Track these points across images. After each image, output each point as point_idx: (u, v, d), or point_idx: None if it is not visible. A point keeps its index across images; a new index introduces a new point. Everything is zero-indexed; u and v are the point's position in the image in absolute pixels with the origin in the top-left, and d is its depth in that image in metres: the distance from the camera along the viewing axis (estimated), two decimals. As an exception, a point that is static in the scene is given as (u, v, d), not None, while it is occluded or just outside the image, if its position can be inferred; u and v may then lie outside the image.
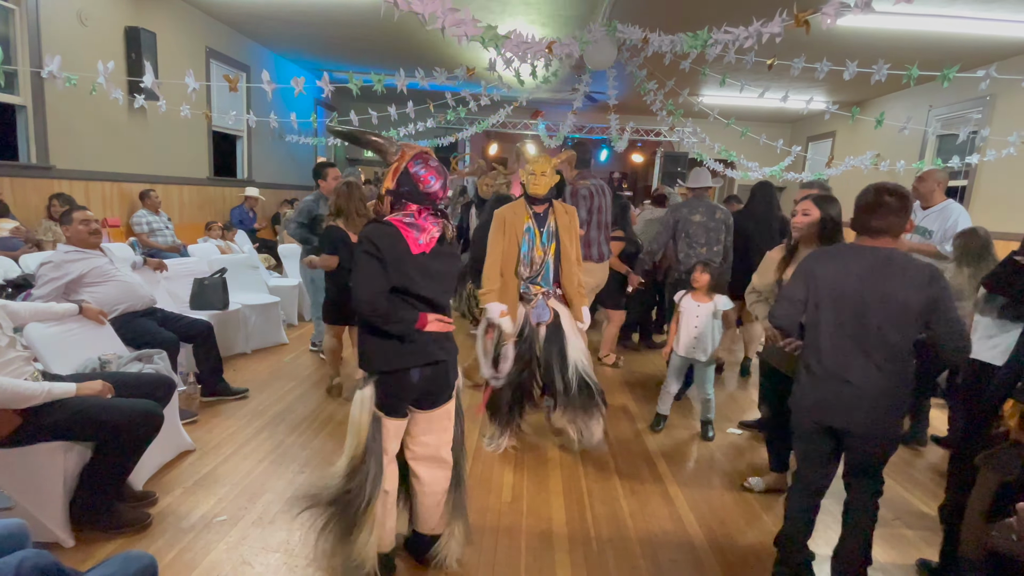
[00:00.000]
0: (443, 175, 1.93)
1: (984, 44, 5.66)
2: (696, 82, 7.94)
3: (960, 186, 6.73)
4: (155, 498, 2.56)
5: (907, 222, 1.98)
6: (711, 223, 4.21)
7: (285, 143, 8.45)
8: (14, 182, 4.47)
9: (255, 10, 6.34)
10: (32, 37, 4.45)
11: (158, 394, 2.58)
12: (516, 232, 3.07)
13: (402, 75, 3.77)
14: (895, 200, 1.90)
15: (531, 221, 3.08)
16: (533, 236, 3.07)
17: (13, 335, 2.30)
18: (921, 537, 2.65)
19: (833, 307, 1.95)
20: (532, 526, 2.57)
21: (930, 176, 3.80)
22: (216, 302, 4.32)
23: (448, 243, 2.00)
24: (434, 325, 1.96)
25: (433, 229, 1.89)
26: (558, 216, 3.12)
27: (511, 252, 3.08)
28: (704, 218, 4.21)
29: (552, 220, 3.11)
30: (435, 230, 1.90)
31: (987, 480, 1.77)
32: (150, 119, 5.70)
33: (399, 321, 1.89)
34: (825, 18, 2.65)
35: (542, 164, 3.03)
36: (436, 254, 1.93)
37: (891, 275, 1.87)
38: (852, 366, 1.93)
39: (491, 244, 3.10)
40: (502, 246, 3.08)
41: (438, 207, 1.95)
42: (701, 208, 4.24)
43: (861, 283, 1.90)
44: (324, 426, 3.44)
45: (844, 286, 1.93)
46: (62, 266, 3.08)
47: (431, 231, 1.88)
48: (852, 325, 1.92)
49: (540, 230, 3.08)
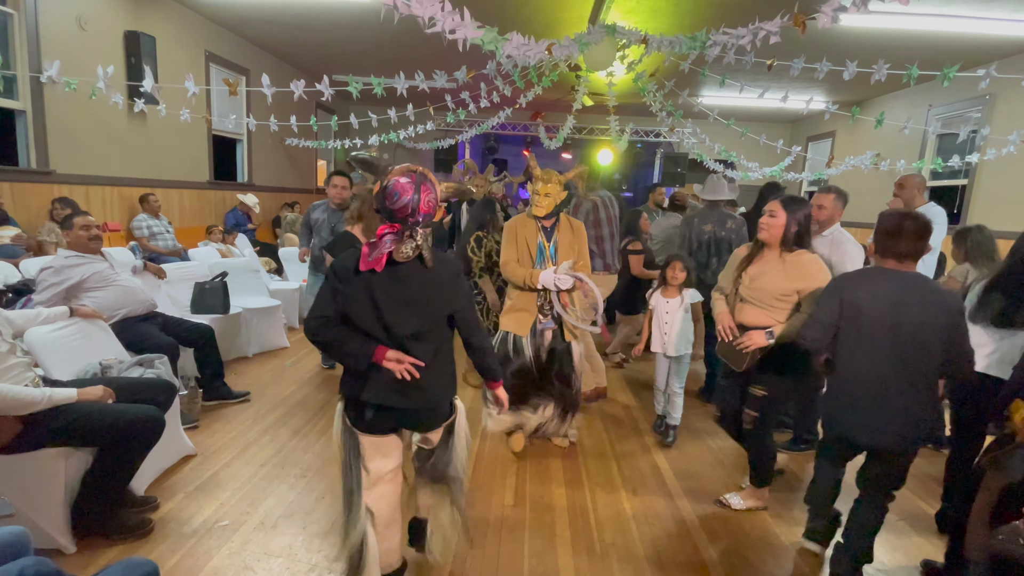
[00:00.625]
0: (419, 191, 1.71)
1: (984, 43, 5.66)
2: (696, 83, 7.95)
3: (960, 185, 6.73)
4: (156, 503, 2.55)
5: (927, 246, 2.07)
6: (721, 232, 4.06)
7: (284, 146, 8.45)
8: (14, 187, 4.47)
9: (254, 13, 6.34)
10: (31, 42, 4.45)
11: (159, 399, 2.58)
12: (528, 244, 3.12)
13: (402, 78, 3.76)
14: (917, 225, 2.01)
15: (541, 236, 3.12)
16: (543, 248, 3.12)
17: (13, 341, 2.30)
18: (926, 539, 2.64)
19: (869, 331, 2.02)
20: (535, 529, 2.56)
21: (909, 182, 3.90)
22: (217, 306, 4.31)
23: (425, 264, 1.76)
24: (388, 363, 1.73)
25: (384, 246, 1.69)
26: (562, 232, 3.15)
27: (523, 261, 3.13)
28: (715, 228, 4.06)
29: (557, 234, 3.14)
30: (388, 247, 1.69)
31: (992, 482, 1.76)
32: (150, 123, 5.70)
33: (346, 355, 1.75)
34: (823, 18, 2.65)
35: (545, 185, 3.05)
36: (396, 276, 1.74)
37: (926, 301, 1.96)
38: (888, 388, 2.00)
39: (504, 251, 3.15)
40: (515, 255, 3.13)
41: (410, 224, 1.72)
42: (713, 218, 4.08)
43: (897, 308, 1.98)
44: (326, 430, 3.43)
45: (880, 310, 2.00)
46: (62, 271, 3.07)
47: (381, 247, 1.69)
48: (887, 348, 1.99)
49: (549, 243, 3.12)
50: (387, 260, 1.71)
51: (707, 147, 7.08)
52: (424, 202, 1.72)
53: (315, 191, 10.20)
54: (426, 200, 1.73)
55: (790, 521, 2.73)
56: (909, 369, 1.98)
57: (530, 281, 3.03)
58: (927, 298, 1.96)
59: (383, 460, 1.91)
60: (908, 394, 1.99)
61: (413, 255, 1.72)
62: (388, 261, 1.72)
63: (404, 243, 1.71)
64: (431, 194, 1.75)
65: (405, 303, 1.76)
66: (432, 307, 1.81)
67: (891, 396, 2.00)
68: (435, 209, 1.78)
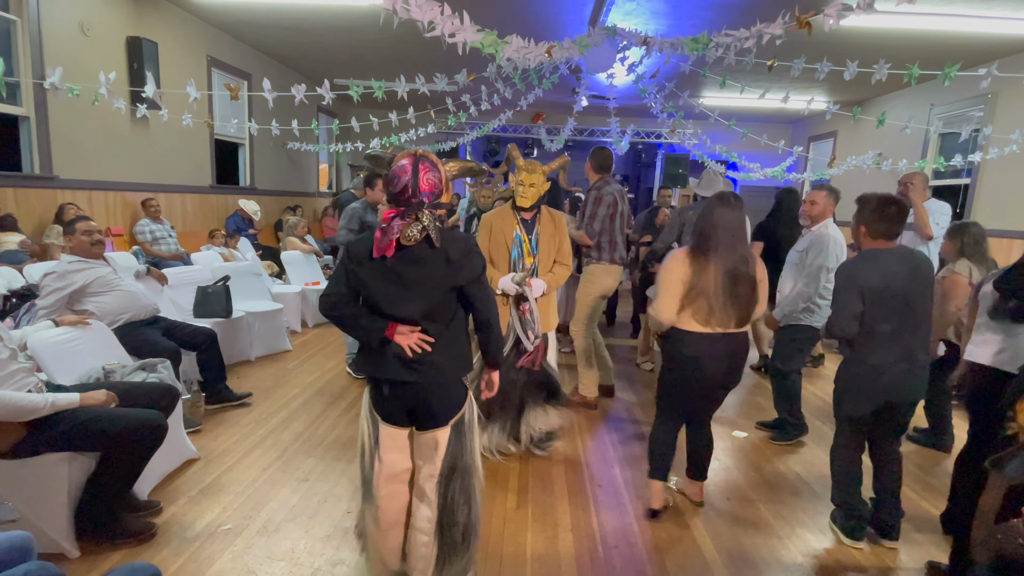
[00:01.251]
0: (416, 171, 1.70)
1: (985, 42, 5.65)
2: (696, 84, 7.95)
3: (963, 184, 6.71)
4: (160, 508, 2.56)
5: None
6: None
7: (286, 150, 8.47)
8: (18, 192, 4.49)
9: (255, 18, 6.37)
10: (34, 48, 4.48)
11: (162, 403, 2.58)
12: (505, 238, 3.09)
13: (403, 82, 3.77)
14: (901, 207, 2.37)
15: (519, 228, 3.09)
16: (522, 242, 3.08)
17: (15, 347, 2.31)
18: (931, 540, 2.63)
19: (891, 306, 2.30)
20: (538, 532, 2.56)
21: (914, 179, 4.05)
22: (219, 310, 4.32)
23: (434, 246, 1.74)
24: (399, 337, 1.78)
25: (394, 231, 1.69)
26: (543, 223, 3.13)
27: (498, 257, 3.10)
28: None
29: (538, 227, 3.12)
30: (395, 232, 1.69)
31: (996, 483, 1.75)
32: (152, 128, 5.73)
33: (360, 328, 1.81)
34: (827, 19, 2.64)
35: (530, 175, 3.02)
36: (406, 259, 1.75)
37: (920, 270, 2.35)
38: (911, 349, 2.34)
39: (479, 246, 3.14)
40: (487, 248, 3.10)
41: (415, 206, 1.71)
42: None
43: (906, 281, 2.31)
44: (329, 433, 3.44)
45: (894, 286, 2.30)
46: (66, 276, 3.09)
47: (391, 233, 1.70)
48: (904, 316, 2.31)
49: (529, 236, 3.09)
50: (396, 244, 1.73)
51: (708, 148, 7.08)
52: (424, 181, 1.71)
53: (317, 194, 10.23)
54: (425, 179, 1.71)
55: (793, 523, 2.73)
56: (920, 328, 2.36)
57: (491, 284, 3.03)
58: (920, 268, 2.36)
59: (399, 455, 1.93)
60: (922, 349, 2.37)
61: (421, 237, 1.70)
62: (397, 245, 1.73)
63: (411, 226, 1.69)
64: (431, 173, 1.73)
65: (415, 284, 1.78)
66: (442, 287, 1.81)
67: (915, 354, 2.35)
68: (439, 188, 1.76)
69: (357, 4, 5.48)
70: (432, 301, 1.80)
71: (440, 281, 1.79)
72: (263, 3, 5.80)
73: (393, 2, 2.47)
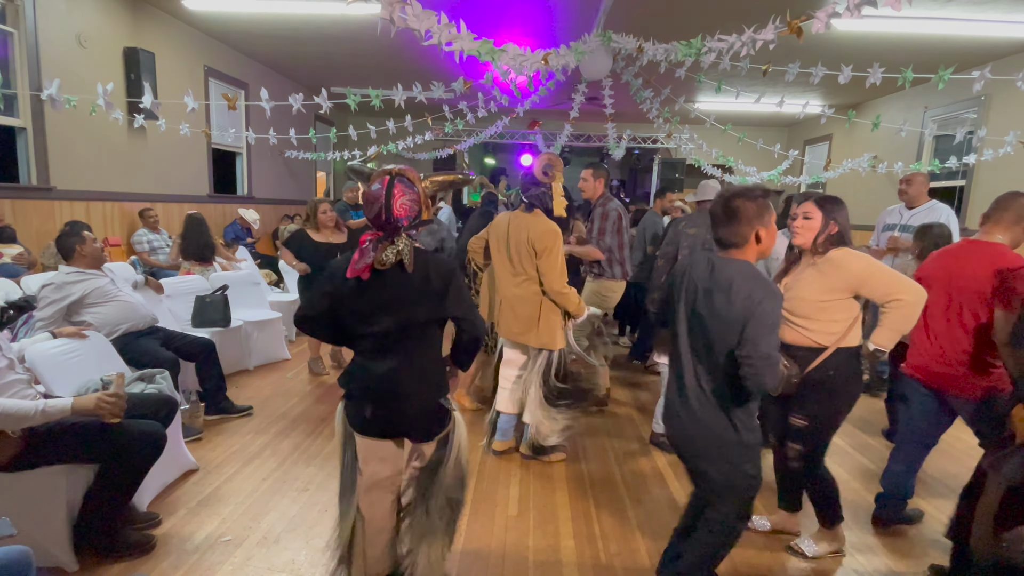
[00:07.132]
0: (389, 195, 1.69)
1: (978, 45, 5.69)
2: (692, 89, 7.98)
3: (958, 186, 6.74)
4: (159, 520, 2.54)
5: None
6: (707, 235, 4.05)
7: (283, 159, 8.49)
8: (15, 204, 4.49)
9: (252, 28, 6.39)
10: (31, 59, 4.48)
11: (161, 414, 2.57)
12: None
13: (400, 90, 3.79)
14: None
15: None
16: None
17: (12, 357, 2.29)
18: (933, 543, 2.63)
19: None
20: (539, 539, 2.55)
21: (915, 179, 4.14)
22: (218, 319, 4.32)
23: (405, 269, 1.73)
24: None
25: (367, 255, 1.69)
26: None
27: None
28: (698, 230, 3.98)
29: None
30: (369, 256, 1.69)
31: (994, 485, 1.75)
32: (150, 138, 5.73)
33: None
34: (817, 23, 2.66)
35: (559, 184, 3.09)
36: (378, 283, 1.74)
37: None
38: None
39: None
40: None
41: (388, 231, 1.72)
42: (699, 220, 4.02)
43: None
44: (328, 442, 3.42)
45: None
46: (63, 288, 3.08)
47: (365, 257, 1.70)
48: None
49: None
50: (371, 268, 1.73)
51: (705, 152, 7.11)
52: (398, 206, 1.70)
53: (315, 203, 10.22)
54: (399, 204, 1.70)
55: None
56: None
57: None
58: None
59: (379, 464, 1.88)
60: None
61: (395, 260, 1.71)
62: (372, 269, 1.73)
63: (386, 250, 1.70)
64: (405, 196, 1.71)
65: (388, 306, 1.77)
66: (415, 311, 1.79)
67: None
68: (415, 211, 1.75)
69: (354, 14, 5.50)
70: (404, 325, 1.79)
71: (414, 306, 1.78)
72: (260, 13, 5.83)
73: (390, 11, 2.49)
